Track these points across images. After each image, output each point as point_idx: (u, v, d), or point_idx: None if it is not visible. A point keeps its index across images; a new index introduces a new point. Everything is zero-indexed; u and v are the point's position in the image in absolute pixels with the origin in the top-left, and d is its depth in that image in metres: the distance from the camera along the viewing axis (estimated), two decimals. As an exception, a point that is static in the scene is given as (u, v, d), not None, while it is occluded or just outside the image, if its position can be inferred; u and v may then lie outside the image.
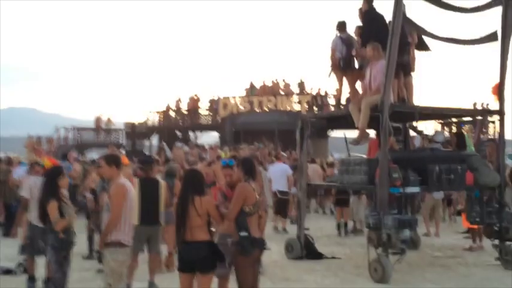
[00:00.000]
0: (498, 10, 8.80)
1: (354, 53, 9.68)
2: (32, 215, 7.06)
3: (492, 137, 23.35)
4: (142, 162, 7.67)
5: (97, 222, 8.45)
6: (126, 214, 5.34)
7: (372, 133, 9.49)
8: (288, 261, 9.40)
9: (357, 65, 9.76)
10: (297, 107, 27.61)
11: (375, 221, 8.04)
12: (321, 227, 13.39)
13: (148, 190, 7.15)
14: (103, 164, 5.78)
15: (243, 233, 5.00)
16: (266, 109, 28.25)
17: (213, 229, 5.42)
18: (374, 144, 8.87)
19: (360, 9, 9.50)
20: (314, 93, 27.58)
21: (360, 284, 7.81)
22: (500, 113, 9.23)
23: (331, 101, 25.61)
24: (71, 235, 5.78)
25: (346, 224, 12.62)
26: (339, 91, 10.47)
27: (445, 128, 22.67)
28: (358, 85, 9.73)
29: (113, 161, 5.56)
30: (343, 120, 10.26)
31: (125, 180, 5.56)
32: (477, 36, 8.81)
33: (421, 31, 8.55)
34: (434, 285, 7.81)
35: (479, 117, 10.40)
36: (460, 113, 10.04)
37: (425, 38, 9.24)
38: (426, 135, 12.71)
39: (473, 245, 10.59)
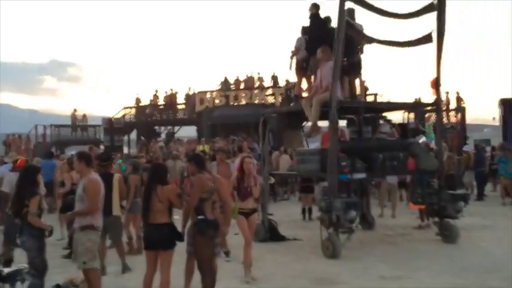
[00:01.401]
0: (432, 14, 9.85)
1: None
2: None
3: (454, 125, 24.72)
4: (102, 160, 8.38)
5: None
6: (99, 204, 6.29)
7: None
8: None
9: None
10: (271, 100, 28.56)
11: (326, 204, 9.09)
12: (288, 212, 14.41)
13: (104, 184, 8.00)
14: (75, 160, 6.67)
15: (200, 216, 6.02)
16: (241, 103, 29.12)
17: (176, 217, 6.43)
18: (326, 135, 9.87)
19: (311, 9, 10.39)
20: (287, 86, 28.53)
21: (313, 261, 8.82)
22: (437, 104, 10.31)
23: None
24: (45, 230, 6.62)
25: (310, 210, 13.64)
26: (298, 88, 11.45)
27: (412, 116, 23.91)
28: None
29: (84, 158, 6.40)
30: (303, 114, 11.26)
31: (95, 176, 6.42)
32: (413, 38, 9.82)
33: (361, 36, 9.57)
34: (378, 259, 8.85)
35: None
36: (400, 106, 11.10)
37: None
38: (394, 123, 13.75)
39: (422, 224, 11.71)
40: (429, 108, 12.55)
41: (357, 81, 10.64)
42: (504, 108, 24.04)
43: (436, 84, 10.12)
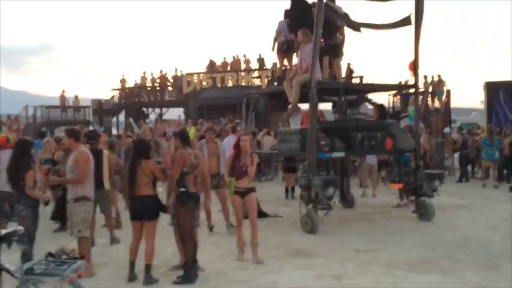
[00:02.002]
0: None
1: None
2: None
3: (439, 108, 25.11)
4: (89, 137, 8.73)
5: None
6: (89, 175, 6.65)
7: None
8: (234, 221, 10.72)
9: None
10: (257, 82, 28.82)
11: (305, 181, 9.44)
12: (272, 191, 14.79)
13: (94, 160, 8.34)
14: (64, 137, 7.01)
15: (182, 189, 6.35)
16: (228, 85, 29.36)
17: (160, 189, 6.77)
18: (305, 116, 10.19)
19: None
20: (273, 68, 28.75)
21: (292, 235, 9.18)
22: (415, 86, 10.65)
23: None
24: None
25: (293, 189, 14.00)
26: (280, 69, 11.75)
27: (395, 98, 24.27)
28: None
29: (73, 134, 6.80)
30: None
31: (85, 148, 6.81)
32: (392, 21, 10.11)
33: (340, 18, 9.85)
34: (354, 234, 9.24)
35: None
36: (379, 88, 11.42)
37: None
38: (375, 103, 14.07)
39: (401, 202, 12.11)
40: (412, 91, 12.94)
41: (339, 63, 10.89)
42: (488, 91, 24.50)
43: (414, 66, 10.44)
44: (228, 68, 30.30)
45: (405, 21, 10.09)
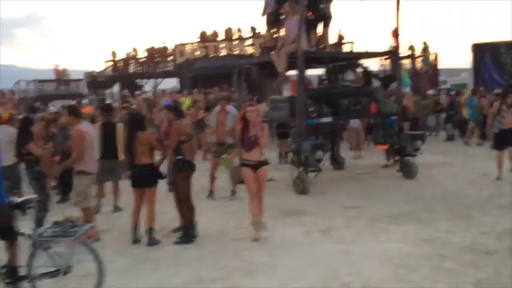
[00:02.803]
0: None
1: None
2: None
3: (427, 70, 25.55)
4: (105, 110, 9.38)
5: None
6: (87, 151, 7.08)
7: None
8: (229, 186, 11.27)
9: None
10: (250, 50, 29.07)
11: (295, 146, 10.04)
12: (267, 157, 15.36)
13: (108, 132, 8.97)
14: (64, 113, 7.53)
15: (179, 157, 6.94)
16: (221, 54, 29.60)
17: (157, 158, 7.36)
18: (295, 84, 10.71)
19: None
20: (264, 38, 28.99)
21: (284, 196, 9.79)
22: (396, 53, 11.16)
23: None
24: (43, 168, 7.60)
25: (286, 154, 14.60)
26: (269, 40, 12.20)
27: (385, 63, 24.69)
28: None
29: (73, 111, 7.31)
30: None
31: (83, 125, 7.24)
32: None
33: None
34: (344, 193, 9.88)
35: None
36: (362, 55, 11.92)
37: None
38: (370, 71, 14.54)
39: (388, 163, 12.75)
40: (403, 55, 13.40)
41: (326, 33, 11.34)
42: (475, 53, 24.88)
43: (395, 33, 10.93)
44: (220, 38, 30.48)
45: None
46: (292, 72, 11.04)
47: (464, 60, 25.83)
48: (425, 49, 25.12)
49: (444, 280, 5.18)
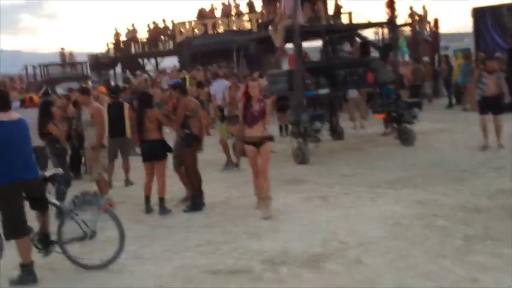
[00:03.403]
0: None
1: None
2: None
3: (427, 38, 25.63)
4: (112, 91, 9.84)
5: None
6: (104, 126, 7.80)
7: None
8: (234, 158, 11.64)
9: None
10: (248, 26, 29.21)
11: (294, 118, 10.38)
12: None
13: (116, 111, 9.42)
14: (78, 94, 8.04)
15: (186, 131, 7.32)
16: (219, 31, 29.79)
17: (167, 130, 7.80)
18: (292, 58, 11.00)
19: None
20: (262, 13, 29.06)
21: (285, 167, 10.12)
22: (392, 23, 11.41)
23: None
24: (63, 145, 8.08)
25: (286, 126, 14.92)
26: (266, 16, 12.48)
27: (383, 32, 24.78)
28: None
29: (86, 91, 7.95)
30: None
31: (97, 103, 7.85)
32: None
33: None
34: (343, 162, 10.24)
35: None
36: (358, 27, 12.17)
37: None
38: (367, 41, 14.77)
39: (386, 131, 13.07)
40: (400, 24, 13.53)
41: (320, 5, 11.60)
42: (476, 17, 24.84)
43: (389, 3, 11.17)
44: (218, 14, 30.61)
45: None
46: (290, 46, 11.33)
47: (467, 25, 25.74)
48: (424, 15, 25.09)
49: (435, 236, 5.56)
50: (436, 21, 26.06)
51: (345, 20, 22.71)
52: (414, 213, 6.43)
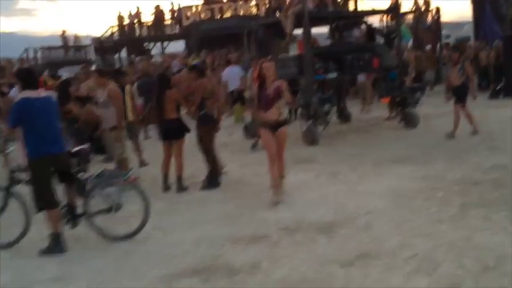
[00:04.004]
0: None
1: None
2: None
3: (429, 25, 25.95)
4: (117, 75, 10.17)
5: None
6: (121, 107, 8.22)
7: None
8: (244, 140, 12.12)
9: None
10: (255, 11, 29.50)
11: (304, 100, 10.85)
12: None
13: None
14: (96, 75, 8.48)
15: (202, 112, 7.80)
16: (226, 15, 30.11)
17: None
18: (301, 43, 11.44)
19: None
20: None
21: (295, 148, 10.43)
22: (397, 9, 11.84)
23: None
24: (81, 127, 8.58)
25: (296, 110, 15.39)
26: (275, 2, 12.90)
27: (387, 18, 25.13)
28: None
29: (103, 73, 8.44)
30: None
31: (113, 85, 8.27)
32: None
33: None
34: (349, 144, 10.70)
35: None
36: (365, 13, 12.60)
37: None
38: (373, 27, 15.17)
39: (391, 115, 13.53)
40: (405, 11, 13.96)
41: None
42: (475, 5, 25.20)
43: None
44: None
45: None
46: (299, 32, 11.75)
47: (467, 13, 26.16)
48: (427, 4, 25.39)
49: (435, 206, 6.11)
50: (437, 9, 26.43)
51: (351, 7, 23.12)
52: (416, 187, 6.95)
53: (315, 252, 5.06)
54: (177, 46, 35.45)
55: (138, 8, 33.15)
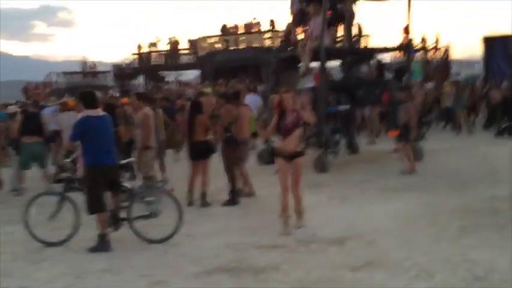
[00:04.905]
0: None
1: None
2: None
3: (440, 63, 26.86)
4: (151, 100, 11.05)
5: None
6: (152, 130, 8.93)
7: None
8: (258, 166, 12.74)
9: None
10: (269, 43, 30.57)
11: (317, 130, 11.64)
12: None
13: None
14: (134, 99, 9.29)
15: (227, 134, 8.62)
16: (241, 47, 31.22)
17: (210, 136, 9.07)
18: (317, 75, 12.30)
19: None
20: (286, 29, 30.33)
21: (307, 174, 10.85)
22: (408, 47, 12.74)
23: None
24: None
25: (307, 139, 16.14)
26: (295, 38, 13.81)
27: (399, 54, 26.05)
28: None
29: (141, 96, 9.12)
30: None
31: (147, 109, 9.08)
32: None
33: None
34: (357, 171, 11.41)
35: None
36: (377, 50, 13.50)
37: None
38: (383, 64, 15.99)
39: (398, 147, 14.23)
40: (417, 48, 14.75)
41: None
42: (486, 45, 26.11)
43: (406, 30, 12.50)
44: (240, 32, 32.02)
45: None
46: (314, 64, 12.60)
47: (478, 51, 27.06)
48: (437, 43, 26.33)
49: (435, 227, 6.84)
50: (447, 48, 27.40)
51: (363, 42, 24.14)
52: (420, 211, 7.69)
53: (327, 258, 5.80)
54: (192, 74, 36.63)
55: (157, 37, 34.44)
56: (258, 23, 32.05)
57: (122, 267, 5.75)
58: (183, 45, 34.06)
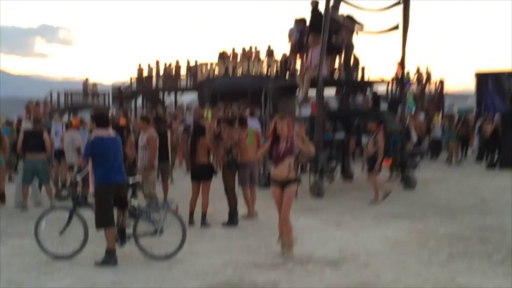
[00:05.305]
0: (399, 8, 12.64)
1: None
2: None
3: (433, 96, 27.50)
4: (157, 122, 11.42)
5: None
6: (157, 151, 9.35)
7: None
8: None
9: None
10: (265, 69, 31.14)
11: (313, 157, 12.00)
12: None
13: (161, 140, 10.99)
14: (140, 121, 9.71)
15: (229, 156, 8.97)
16: (239, 73, 31.76)
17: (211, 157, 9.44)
18: (314, 104, 12.74)
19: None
20: (282, 58, 31.01)
21: (303, 199, 11.49)
22: (402, 81, 13.22)
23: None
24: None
25: (302, 166, 16.54)
26: (293, 66, 14.32)
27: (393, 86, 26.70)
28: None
29: (147, 119, 9.56)
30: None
31: (152, 130, 9.48)
32: (383, 28, 12.66)
33: (339, 26, 12.40)
34: (352, 198, 11.81)
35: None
36: (373, 82, 14.01)
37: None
38: (379, 95, 16.48)
39: (391, 176, 14.66)
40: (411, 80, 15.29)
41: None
42: (478, 80, 26.86)
43: (401, 64, 13.00)
44: (239, 58, 32.59)
45: (394, 28, 12.62)
46: (311, 93, 13.06)
47: (472, 85, 27.90)
48: (428, 76, 27.03)
49: (426, 252, 7.19)
50: (441, 81, 28.11)
51: (360, 73, 24.75)
52: (411, 236, 8.05)
53: (323, 279, 6.13)
54: (190, 98, 37.05)
55: (157, 62, 34.92)
56: (256, 49, 32.62)
57: (130, 281, 6.03)
58: (183, 69, 34.54)
